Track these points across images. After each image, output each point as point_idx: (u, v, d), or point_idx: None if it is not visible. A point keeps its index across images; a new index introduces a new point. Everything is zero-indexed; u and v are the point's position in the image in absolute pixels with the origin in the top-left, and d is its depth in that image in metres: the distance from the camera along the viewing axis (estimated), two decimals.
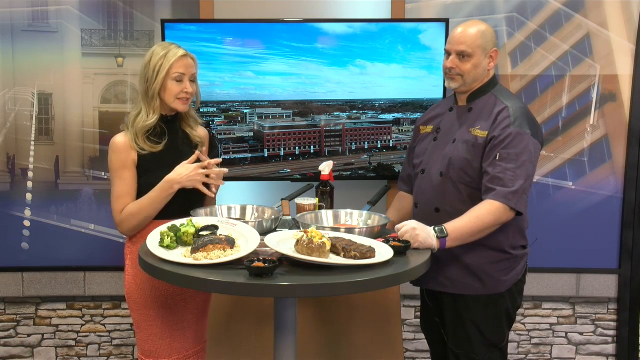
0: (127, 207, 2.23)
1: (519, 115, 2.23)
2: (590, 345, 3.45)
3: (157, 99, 2.26)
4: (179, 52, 2.25)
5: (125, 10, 3.14)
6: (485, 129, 2.25)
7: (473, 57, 2.27)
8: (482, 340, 2.34)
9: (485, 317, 2.33)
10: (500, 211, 2.15)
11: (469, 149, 2.27)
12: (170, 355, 2.30)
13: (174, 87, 2.25)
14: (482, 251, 2.28)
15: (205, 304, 2.44)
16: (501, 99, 2.30)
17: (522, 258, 2.37)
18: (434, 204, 2.34)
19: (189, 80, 2.28)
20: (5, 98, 3.16)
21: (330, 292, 1.80)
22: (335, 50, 2.99)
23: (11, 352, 3.39)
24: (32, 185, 3.22)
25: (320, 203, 2.49)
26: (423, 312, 2.62)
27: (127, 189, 2.25)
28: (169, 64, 2.23)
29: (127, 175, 2.25)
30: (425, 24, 3.00)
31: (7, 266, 3.26)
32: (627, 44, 3.18)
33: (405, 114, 3.07)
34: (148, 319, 2.28)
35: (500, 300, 2.33)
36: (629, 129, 3.23)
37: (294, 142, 3.08)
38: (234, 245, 1.94)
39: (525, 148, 2.19)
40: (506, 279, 2.32)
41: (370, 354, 2.93)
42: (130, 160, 2.25)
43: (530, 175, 2.21)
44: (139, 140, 2.24)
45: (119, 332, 3.40)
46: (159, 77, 2.23)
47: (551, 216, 3.28)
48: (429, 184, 2.37)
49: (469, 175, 2.27)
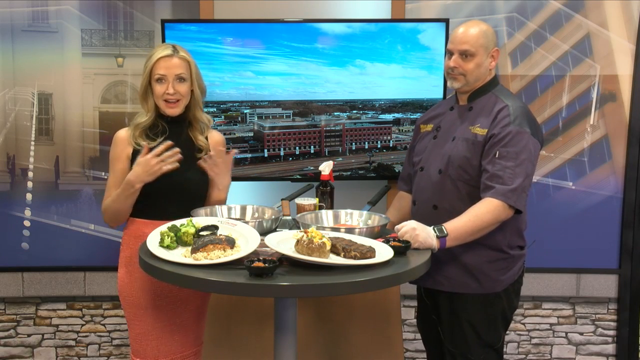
0: (105, 199, 2.31)
1: (519, 114, 2.23)
2: (590, 345, 3.45)
3: (150, 99, 2.29)
4: (161, 53, 2.25)
5: (125, 10, 3.14)
6: (485, 126, 2.26)
7: (475, 57, 2.28)
8: (477, 340, 2.34)
9: (481, 316, 2.33)
10: (499, 209, 2.15)
11: (468, 146, 2.27)
12: (157, 357, 2.28)
13: (157, 88, 2.26)
14: (479, 250, 2.28)
15: (200, 308, 2.40)
16: (502, 98, 2.31)
17: (520, 258, 2.37)
18: (432, 201, 2.35)
19: (175, 80, 2.25)
20: (5, 98, 3.16)
21: (330, 292, 1.80)
22: (335, 50, 2.99)
23: (11, 352, 3.39)
24: (32, 185, 3.22)
25: (320, 203, 2.49)
26: (420, 311, 2.62)
27: (115, 181, 2.29)
28: (150, 65, 2.26)
29: (118, 168, 2.30)
30: (425, 24, 3.00)
31: (7, 266, 3.26)
32: (627, 44, 3.18)
33: (405, 114, 3.07)
34: (136, 318, 2.28)
35: (496, 301, 2.34)
36: (629, 129, 3.23)
37: (294, 142, 3.08)
38: (234, 245, 1.94)
39: (525, 147, 2.19)
40: (503, 279, 2.33)
41: (370, 354, 2.93)
42: (125, 154, 2.29)
43: (529, 174, 2.21)
44: (136, 135, 2.28)
45: (119, 332, 3.40)
46: (144, 79, 2.28)
47: (551, 216, 3.28)
48: (428, 182, 2.37)
49: (468, 172, 2.27)
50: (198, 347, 2.43)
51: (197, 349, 2.42)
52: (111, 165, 2.33)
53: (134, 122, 2.31)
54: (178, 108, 2.29)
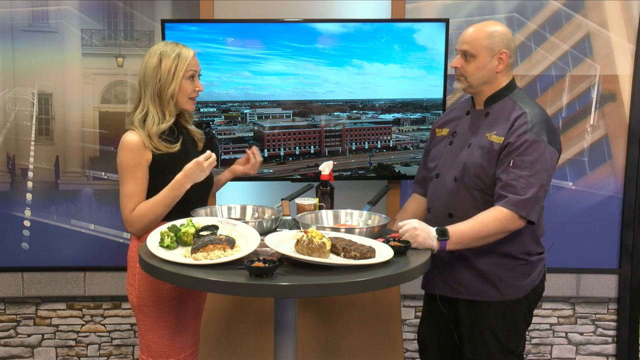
0: (138, 207, 2.20)
1: (537, 122, 2.16)
2: (590, 345, 3.45)
3: (172, 102, 2.24)
4: (191, 52, 2.26)
5: (125, 10, 3.14)
6: (502, 134, 2.19)
7: (477, 58, 2.22)
8: (499, 347, 2.28)
9: (502, 323, 2.28)
10: (508, 219, 2.10)
11: (484, 154, 2.21)
12: (177, 355, 2.30)
13: (187, 87, 2.25)
14: (495, 257, 2.23)
15: (201, 305, 2.44)
16: (519, 104, 2.23)
17: (539, 263, 2.31)
18: (447, 209, 2.29)
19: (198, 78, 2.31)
20: (5, 98, 3.16)
21: (330, 292, 1.80)
22: (335, 50, 2.99)
23: (11, 352, 3.39)
24: (32, 185, 3.22)
25: (320, 203, 2.49)
26: (426, 318, 2.54)
27: (139, 188, 2.21)
28: (186, 63, 2.22)
29: (140, 174, 2.21)
30: (423, 24, 2.99)
31: (7, 266, 3.26)
32: (627, 44, 3.18)
33: (405, 114, 3.07)
34: (160, 321, 2.26)
35: (516, 307, 2.28)
36: (629, 129, 3.23)
37: (294, 142, 3.08)
38: (234, 245, 1.94)
39: (541, 156, 2.12)
40: (523, 285, 2.27)
41: (370, 354, 2.93)
42: (145, 160, 2.21)
43: (544, 185, 2.14)
44: (154, 141, 2.21)
45: (119, 332, 3.40)
46: (178, 77, 2.21)
47: (551, 216, 3.27)
48: (443, 189, 2.32)
49: (484, 181, 2.21)
50: (197, 345, 2.44)
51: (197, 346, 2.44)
52: (130, 173, 2.20)
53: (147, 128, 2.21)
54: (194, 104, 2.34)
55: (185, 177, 2.18)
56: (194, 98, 2.30)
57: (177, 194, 2.20)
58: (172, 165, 2.23)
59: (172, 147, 2.24)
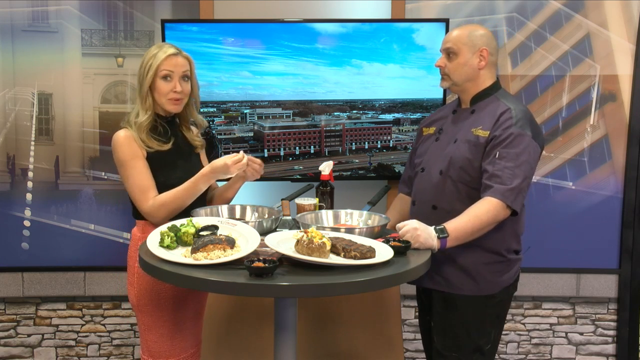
0: (158, 197, 2.22)
1: (521, 117, 2.24)
2: (590, 345, 3.45)
3: (150, 98, 2.27)
4: (168, 51, 2.25)
5: (125, 10, 3.14)
6: (487, 128, 2.26)
7: (458, 55, 2.30)
8: (468, 342, 2.34)
9: (474, 318, 2.33)
10: (498, 208, 2.16)
11: (470, 148, 2.28)
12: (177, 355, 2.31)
13: (162, 86, 2.25)
14: (477, 252, 2.28)
15: (202, 305, 2.44)
16: (504, 101, 2.31)
17: (515, 263, 2.38)
18: (431, 201, 2.35)
19: (181, 79, 2.27)
20: (5, 98, 3.16)
21: (330, 292, 1.80)
22: (335, 50, 2.99)
23: (11, 352, 3.39)
24: (32, 185, 3.22)
25: (320, 203, 2.49)
26: (420, 310, 2.63)
27: (145, 177, 2.23)
28: (157, 62, 2.24)
29: (140, 164, 2.23)
30: (423, 24, 2.99)
31: (7, 266, 3.26)
32: (627, 44, 3.18)
33: (405, 114, 3.07)
34: (160, 320, 2.27)
35: (490, 303, 2.34)
36: (629, 129, 3.23)
37: (294, 142, 3.08)
38: (234, 245, 1.94)
39: (525, 149, 2.20)
40: (500, 280, 2.33)
41: (370, 354, 2.93)
42: (140, 152, 2.24)
43: (528, 176, 2.21)
44: (143, 137, 2.24)
45: (119, 332, 3.40)
46: (149, 75, 2.24)
47: (551, 216, 3.28)
48: (428, 182, 2.38)
49: (469, 174, 2.27)
50: (199, 345, 2.45)
51: (199, 346, 2.45)
52: (129, 165, 2.22)
53: (136, 121, 2.25)
54: (180, 106, 2.31)
55: (212, 172, 2.22)
56: (174, 99, 2.27)
57: (201, 187, 2.24)
58: (164, 164, 2.26)
59: (163, 146, 2.26)
